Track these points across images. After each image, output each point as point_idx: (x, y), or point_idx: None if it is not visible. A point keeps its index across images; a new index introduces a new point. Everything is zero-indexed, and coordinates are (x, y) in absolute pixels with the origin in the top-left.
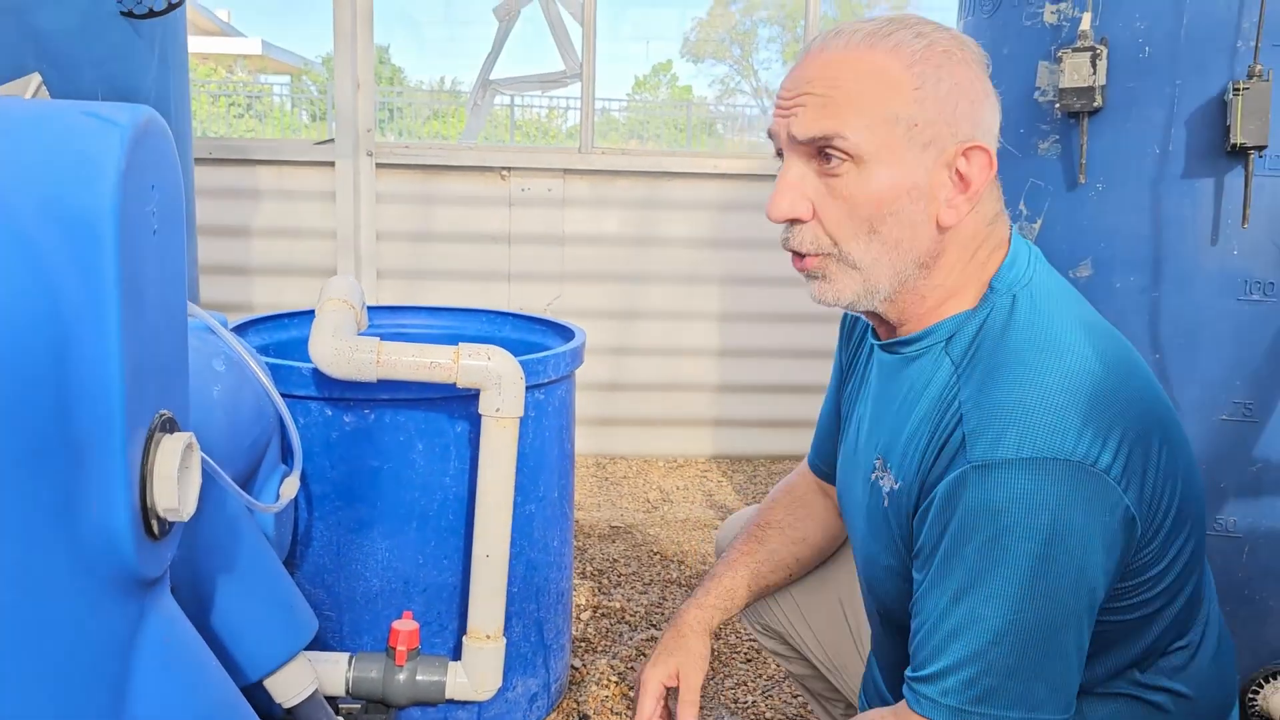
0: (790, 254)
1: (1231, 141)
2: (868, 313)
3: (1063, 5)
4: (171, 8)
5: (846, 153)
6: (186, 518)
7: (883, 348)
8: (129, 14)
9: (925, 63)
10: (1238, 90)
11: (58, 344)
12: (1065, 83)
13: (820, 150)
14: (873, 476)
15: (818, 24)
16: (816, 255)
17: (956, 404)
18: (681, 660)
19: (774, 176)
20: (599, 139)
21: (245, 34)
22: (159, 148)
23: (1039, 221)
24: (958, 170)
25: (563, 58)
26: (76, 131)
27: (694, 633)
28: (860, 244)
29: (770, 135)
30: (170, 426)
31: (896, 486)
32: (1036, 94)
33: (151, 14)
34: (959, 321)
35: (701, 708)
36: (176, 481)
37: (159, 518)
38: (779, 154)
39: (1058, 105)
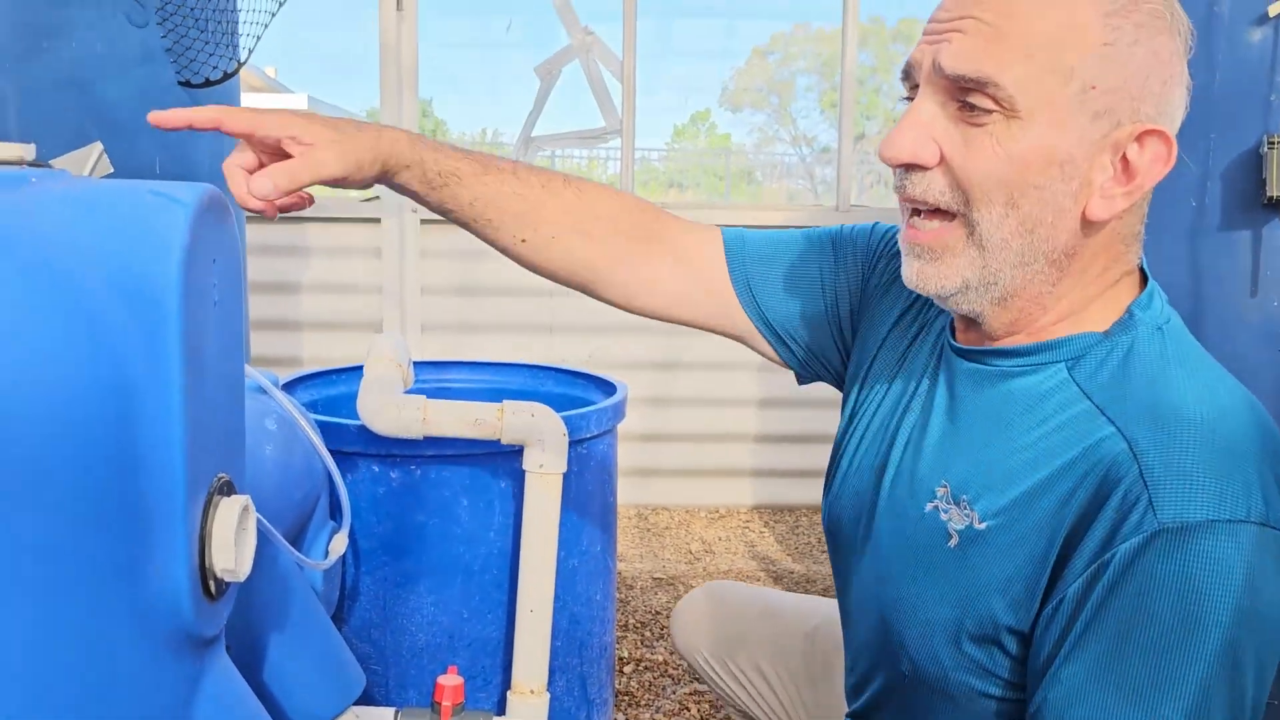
0: (903, 215)
1: (1268, 194)
2: (960, 310)
3: None
4: (227, 77)
5: (998, 101)
6: (243, 578)
7: (966, 354)
8: (186, 84)
9: (1125, 16)
10: (1272, 144)
11: (123, 412)
12: None
13: (965, 92)
14: (930, 507)
15: (854, 72)
16: (937, 226)
17: (1125, 452)
18: (331, 140)
19: (812, 228)
20: (639, 187)
21: (292, 89)
22: (220, 223)
23: None
24: (1124, 155)
25: (603, 115)
26: (144, 209)
27: (374, 138)
28: (994, 213)
29: (907, 69)
30: (228, 489)
31: (984, 527)
32: None
33: (207, 83)
34: (1087, 344)
35: None
36: (234, 543)
37: (216, 578)
38: (910, 95)
39: None
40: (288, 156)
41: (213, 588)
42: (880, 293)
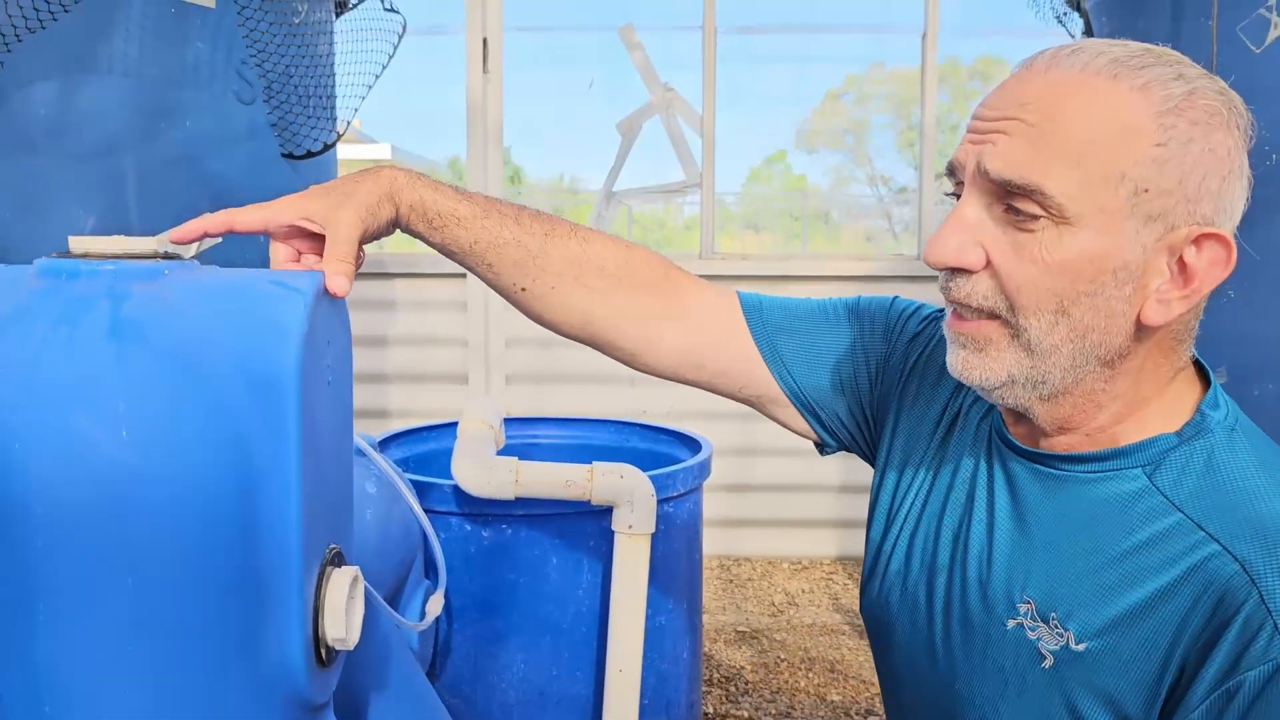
0: (947, 309)
1: None
2: (1007, 404)
3: None
4: (326, 148)
5: (1046, 208)
6: (352, 646)
7: (1027, 455)
8: (289, 155)
9: (1180, 114)
10: None
11: (246, 489)
12: None
13: (1012, 196)
14: (1014, 624)
15: (934, 111)
16: (981, 319)
17: (1239, 574)
18: (338, 203)
19: (892, 278)
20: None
21: (376, 140)
22: (334, 308)
23: None
24: (1181, 258)
25: (683, 169)
26: (265, 299)
27: (373, 180)
28: (1043, 322)
29: (951, 169)
30: (339, 560)
31: (1083, 648)
32: None
33: (309, 155)
34: (1163, 448)
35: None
36: (344, 613)
37: (328, 647)
38: (956, 192)
39: None
40: (306, 234)
41: (324, 656)
42: (906, 375)
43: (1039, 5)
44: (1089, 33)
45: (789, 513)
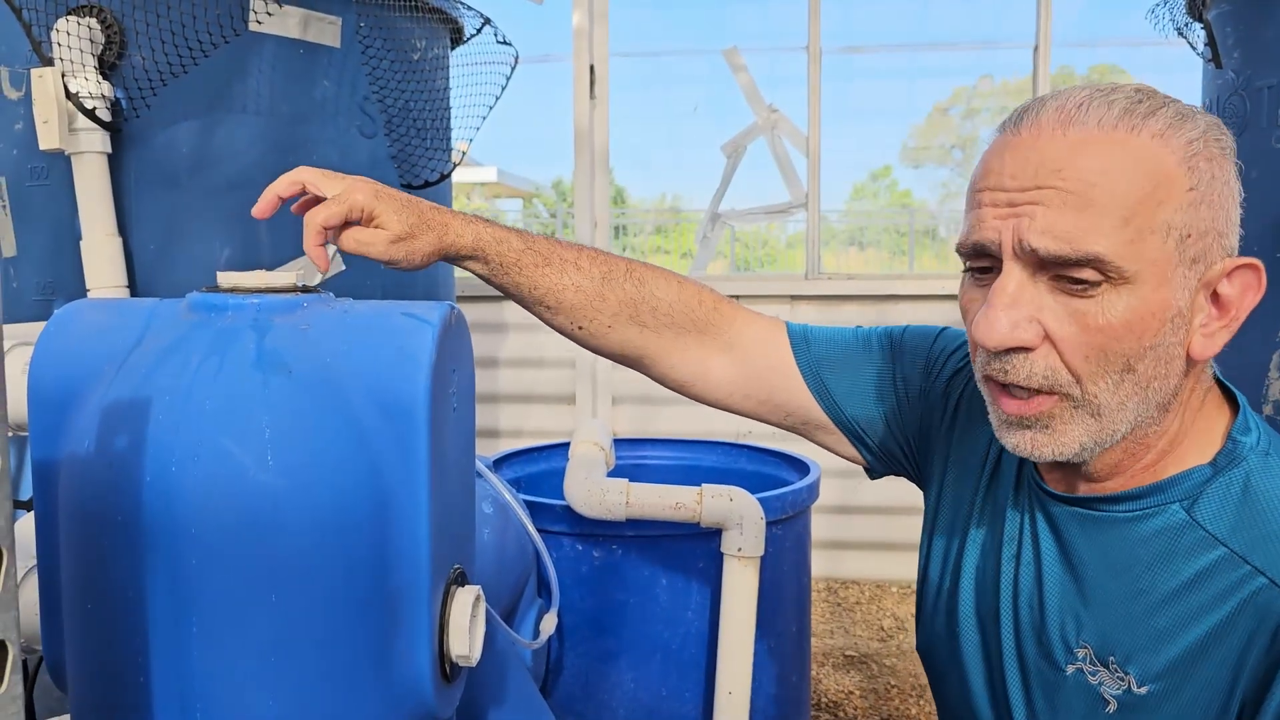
0: (987, 385)
1: None
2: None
3: None
4: (443, 178)
5: (1104, 272)
6: (475, 663)
7: (1069, 501)
8: (408, 186)
9: (1200, 156)
10: None
11: (380, 510)
12: None
13: (1063, 266)
14: (1074, 669)
15: None
16: (1039, 395)
17: None
18: (369, 196)
19: None
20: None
21: (482, 163)
22: (459, 337)
23: None
24: (1215, 290)
25: (789, 189)
26: (397, 330)
27: (439, 234)
28: (1110, 383)
29: (976, 249)
30: (462, 580)
31: (1145, 691)
32: None
33: (426, 185)
34: (1199, 480)
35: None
36: (468, 630)
37: (452, 663)
38: (976, 267)
39: None
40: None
41: (449, 672)
42: (951, 409)
43: (1157, 16)
44: (1211, 43)
45: (897, 535)
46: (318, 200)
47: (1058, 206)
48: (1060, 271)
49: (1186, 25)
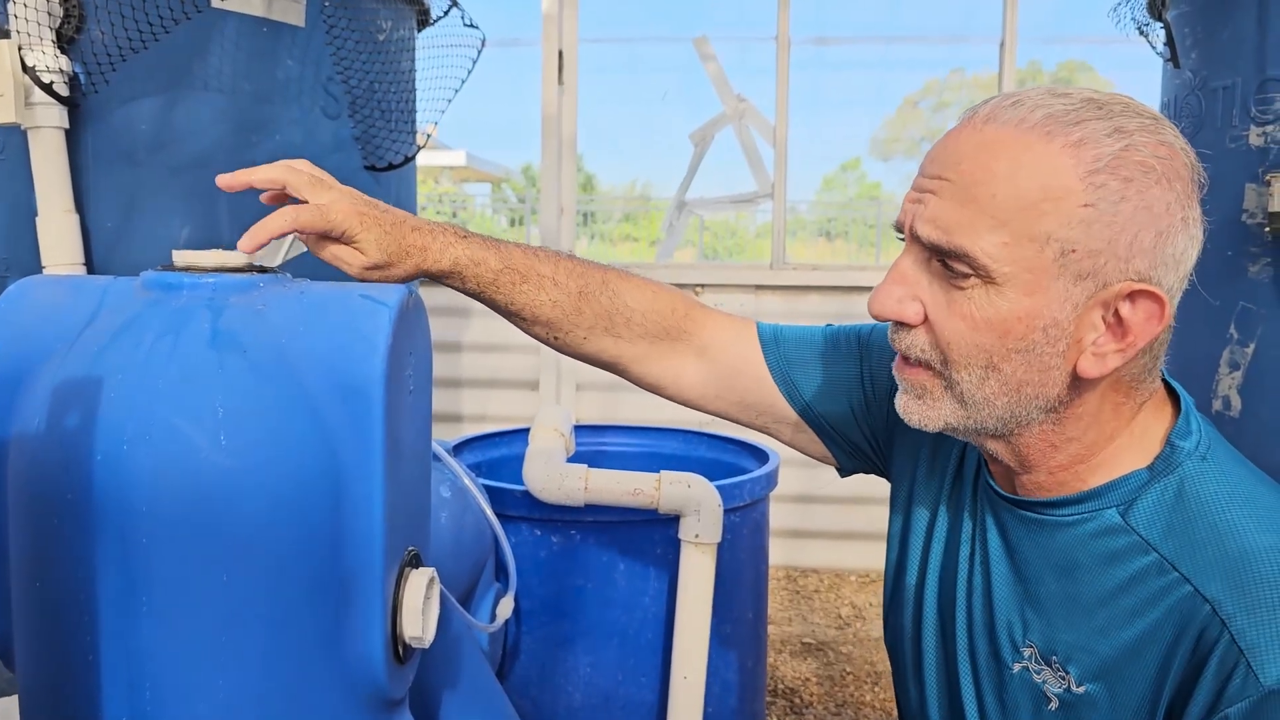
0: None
1: None
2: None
3: (1269, 128)
4: (407, 161)
5: (974, 269)
6: (428, 644)
7: (1014, 503)
8: (371, 168)
9: (1111, 173)
10: None
11: (333, 491)
12: (1275, 206)
13: (943, 254)
14: (1019, 667)
15: None
16: (920, 367)
17: (1210, 616)
18: (339, 202)
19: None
20: (787, 237)
21: (451, 147)
22: (417, 321)
23: (1252, 346)
24: (1117, 311)
25: (755, 179)
26: (353, 312)
27: (419, 258)
28: (973, 376)
29: (896, 225)
30: (416, 562)
31: (1084, 690)
32: (1244, 216)
33: (390, 167)
34: (1135, 485)
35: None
36: (422, 612)
37: (405, 645)
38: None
39: (1268, 229)
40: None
41: (401, 653)
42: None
43: (1119, 15)
44: (1170, 43)
45: (856, 525)
46: (290, 199)
47: (946, 198)
48: (942, 259)
49: (1147, 25)
